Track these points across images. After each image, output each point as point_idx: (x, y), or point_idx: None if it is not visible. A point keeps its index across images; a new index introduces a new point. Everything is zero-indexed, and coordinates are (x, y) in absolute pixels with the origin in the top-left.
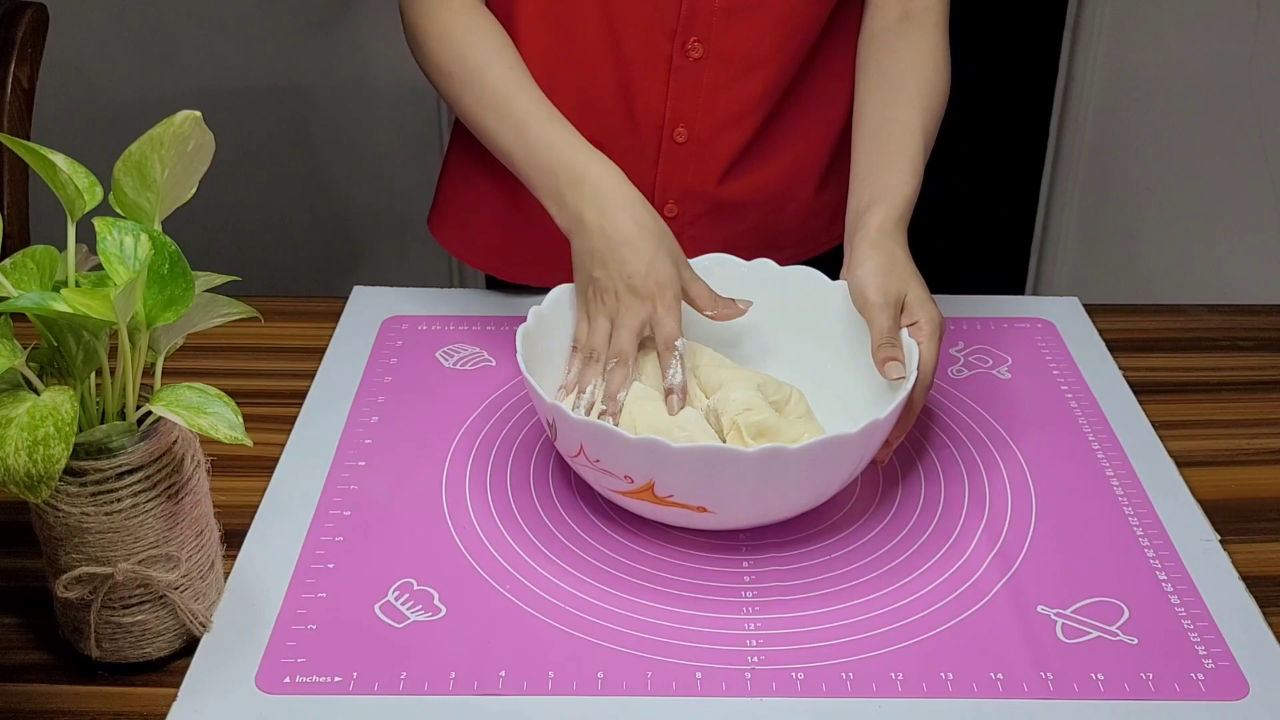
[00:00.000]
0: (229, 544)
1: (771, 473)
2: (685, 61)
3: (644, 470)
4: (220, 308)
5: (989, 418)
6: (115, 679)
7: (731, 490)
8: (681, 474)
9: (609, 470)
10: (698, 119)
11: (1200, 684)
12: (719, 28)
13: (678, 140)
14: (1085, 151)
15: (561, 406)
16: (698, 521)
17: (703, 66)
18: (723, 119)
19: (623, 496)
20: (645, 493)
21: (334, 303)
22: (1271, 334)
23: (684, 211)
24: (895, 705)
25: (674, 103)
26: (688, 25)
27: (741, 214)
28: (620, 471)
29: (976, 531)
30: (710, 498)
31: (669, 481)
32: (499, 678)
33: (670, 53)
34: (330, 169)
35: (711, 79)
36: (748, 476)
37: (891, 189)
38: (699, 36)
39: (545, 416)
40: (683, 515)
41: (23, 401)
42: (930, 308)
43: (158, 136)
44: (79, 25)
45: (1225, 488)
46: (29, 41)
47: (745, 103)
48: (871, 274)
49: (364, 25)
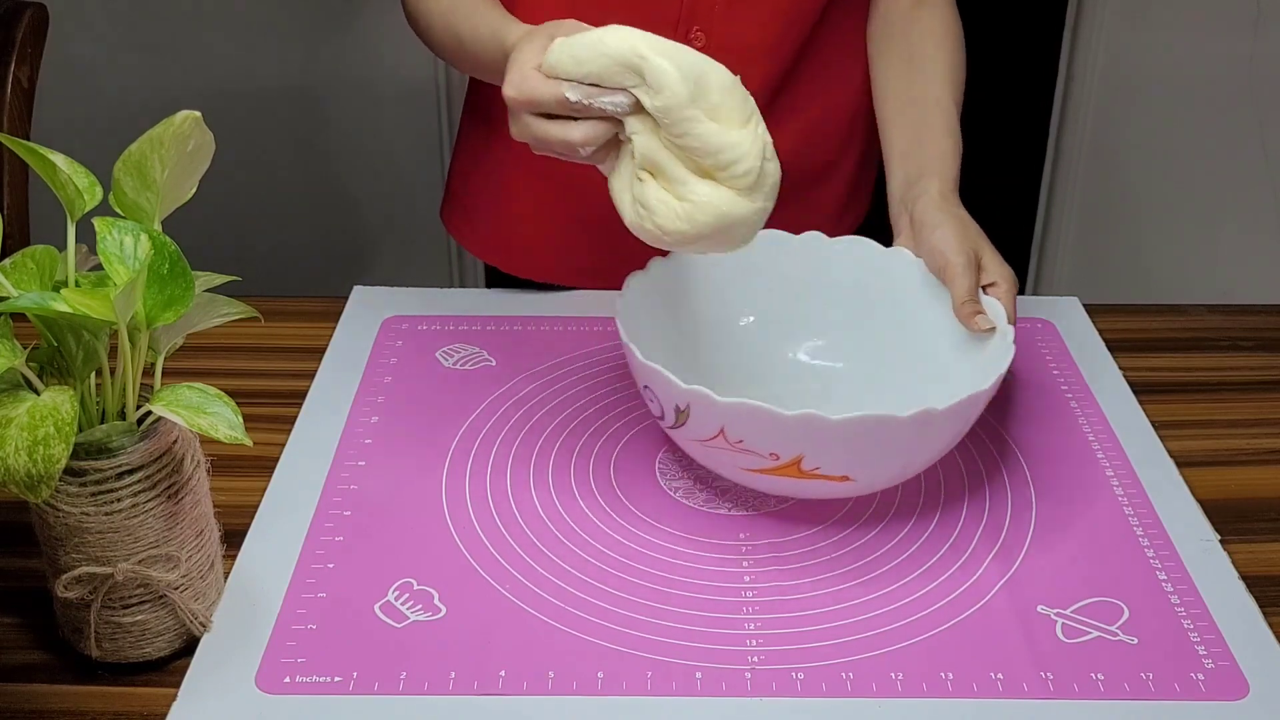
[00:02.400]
0: (229, 544)
1: (922, 435)
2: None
3: (796, 446)
4: (220, 308)
5: (989, 418)
6: (115, 679)
7: (881, 456)
8: (838, 445)
9: (752, 449)
10: None
11: (1200, 684)
12: (722, 16)
13: None
14: (1085, 151)
15: (705, 390)
16: (831, 491)
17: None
18: None
19: (754, 474)
20: (790, 468)
21: (334, 303)
22: (1271, 334)
23: None
24: (895, 705)
25: None
26: (691, 14)
27: None
28: (766, 449)
29: (976, 531)
30: (859, 466)
31: (820, 454)
32: (499, 678)
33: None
34: (330, 169)
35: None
36: (900, 441)
37: (941, 159)
38: (701, 26)
39: (675, 402)
40: (820, 487)
41: (23, 401)
42: (1005, 267)
43: (158, 136)
44: (79, 25)
45: (1225, 488)
46: (29, 41)
47: (752, 88)
48: (949, 236)
49: (364, 25)
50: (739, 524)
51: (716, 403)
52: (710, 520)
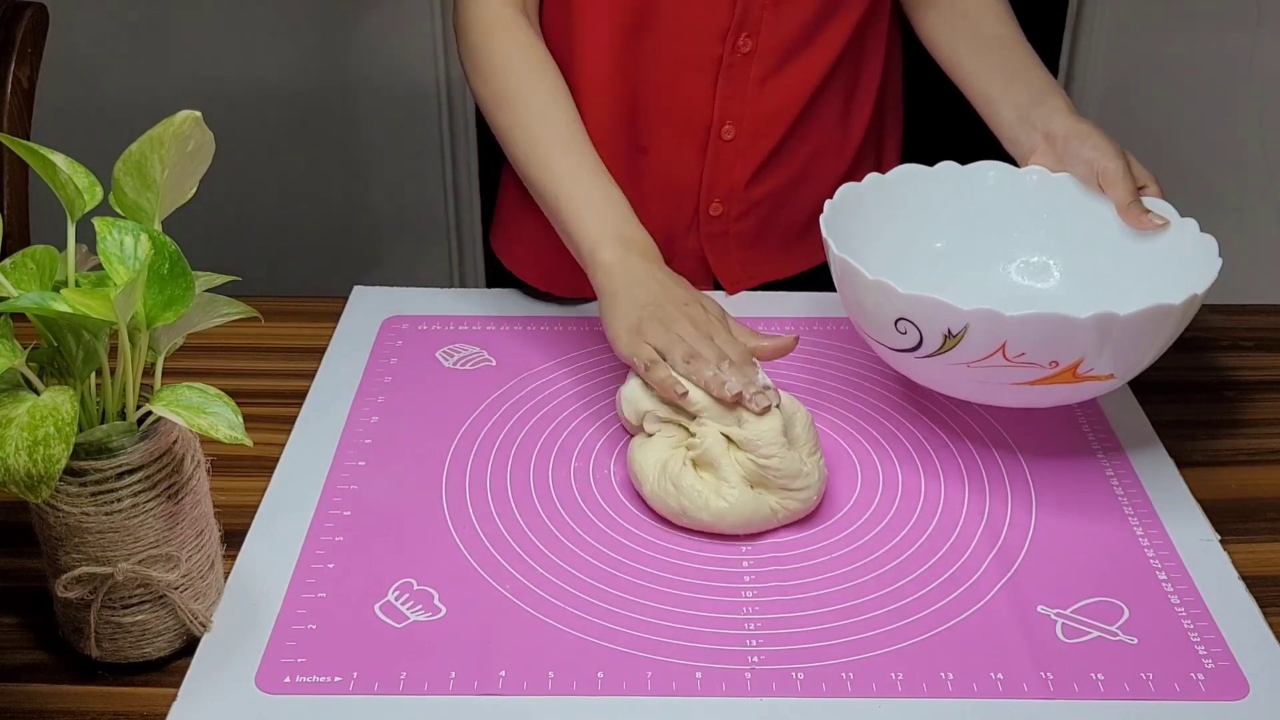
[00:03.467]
0: (229, 544)
1: (1183, 319)
2: (735, 58)
3: (1081, 349)
4: (220, 308)
5: (989, 418)
6: (115, 679)
7: (1148, 348)
8: (1127, 341)
9: (1033, 361)
10: (745, 114)
11: (1200, 684)
12: (770, 19)
13: (725, 138)
14: None
15: (990, 309)
16: (1095, 391)
17: (751, 60)
18: (768, 111)
19: (1024, 387)
20: (1067, 374)
21: (334, 303)
22: (1271, 334)
23: (728, 210)
24: (895, 705)
25: (723, 101)
26: (740, 24)
27: (780, 204)
28: (1047, 359)
29: (976, 531)
30: (1127, 361)
31: (1102, 355)
32: (499, 678)
33: (721, 53)
34: (330, 169)
35: (759, 71)
36: (1169, 330)
37: (1051, 83)
38: (749, 32)
39: (949, 325)
40: (1089, 388)
41: (23, 401)
42: (1146, 170)
43: (158, 136)
44: (79, 25)
45: (1225, 488)
46: (29, 41)
47: (788, 92)
48: (1102, 143)
49: (365, 25)
50: None
51: (1004, 319)
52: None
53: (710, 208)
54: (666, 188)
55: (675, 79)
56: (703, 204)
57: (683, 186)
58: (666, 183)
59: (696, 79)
